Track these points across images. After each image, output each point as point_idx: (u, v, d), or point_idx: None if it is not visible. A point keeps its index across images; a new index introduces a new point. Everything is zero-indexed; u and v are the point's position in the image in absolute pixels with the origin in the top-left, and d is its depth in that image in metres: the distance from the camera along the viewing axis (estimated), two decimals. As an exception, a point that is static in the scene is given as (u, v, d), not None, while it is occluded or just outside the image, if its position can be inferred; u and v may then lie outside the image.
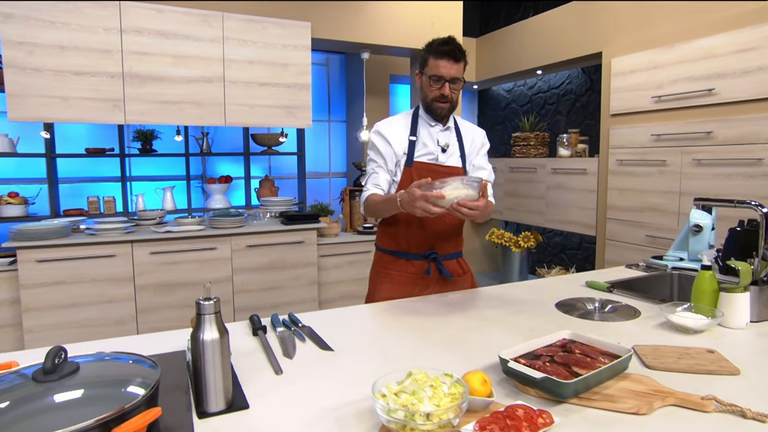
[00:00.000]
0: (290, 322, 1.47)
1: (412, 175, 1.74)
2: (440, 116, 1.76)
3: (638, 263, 2.20)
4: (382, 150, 1.77)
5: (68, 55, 2.79)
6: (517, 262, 4.82)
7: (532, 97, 5.21)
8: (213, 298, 0.96)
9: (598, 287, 1.78)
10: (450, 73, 1.68)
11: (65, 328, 2.83)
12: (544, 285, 1.88)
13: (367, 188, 1.79)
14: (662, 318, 1.45)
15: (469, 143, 1.85)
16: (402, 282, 1.81)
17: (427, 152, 1.77)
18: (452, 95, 1.72)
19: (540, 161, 4.29)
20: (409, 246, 1.79)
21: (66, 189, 3.94)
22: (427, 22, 3.79)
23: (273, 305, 3.38)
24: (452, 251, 1.87)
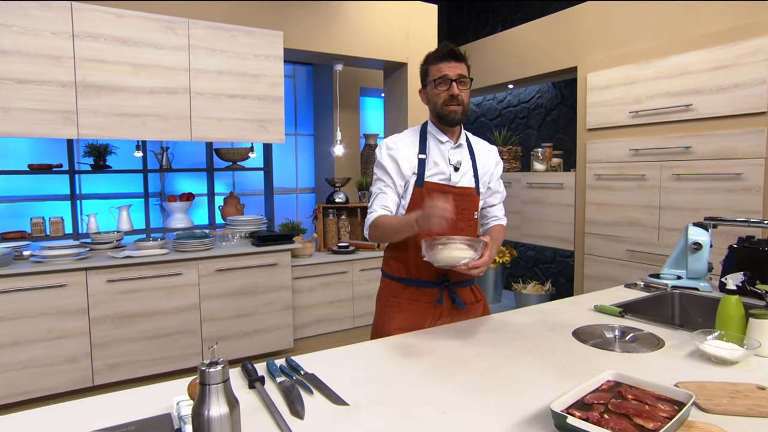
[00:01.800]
0: (290, 369, 1.29)
1: (423, 195, 1.62)
2: (454, 122, 1.64)
3: (636, 282, 2.14)
4: (390, 169, 1.65)
5: (10, 61, 2.50)
6: (491, 277, 4.77)
7: (502, 111, 5.22)
8: (220, 362, 0.78)
9: (609, 312, 1.70)
10: (455, 72, 1.59)
11: (4, 372, 2.51)
12: (549, 310, 1.78)
13: (374, 209, 1.65)
14: (689, 347, 1.37)
15: (482, 161, 1.75)
16: (413, 311, 1.67)
17: (439, 171, 1.65)
18: (462, 95, 1.61)
19: (514, 175, 4.27)
20: (419, 273, 1.66)
21: (5, 209, 3.57)
22: (402, 34, 3.70)
23: (244, 333, 3.14)
24: (466, 278, 1.74)
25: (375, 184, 1.69)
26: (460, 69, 1.60)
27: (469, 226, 1.69)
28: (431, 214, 1.31)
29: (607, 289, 2.08)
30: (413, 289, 1.68)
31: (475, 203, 1.71)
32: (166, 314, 2.90)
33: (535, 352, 1.36)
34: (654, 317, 1.64)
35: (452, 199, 1.65)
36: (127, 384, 2.80)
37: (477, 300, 1.80)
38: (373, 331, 1.74)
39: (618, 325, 1.54)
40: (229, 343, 3.09)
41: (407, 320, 1.65)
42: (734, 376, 1.19)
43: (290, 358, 1.34)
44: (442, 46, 1.63)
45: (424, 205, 1.36)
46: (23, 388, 2.55)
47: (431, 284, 1.67)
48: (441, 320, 1.69)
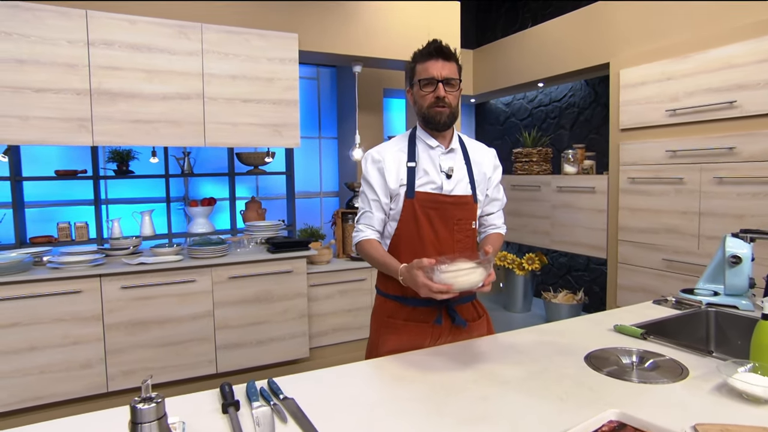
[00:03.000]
0: (270, 392, 1.22)
1: (414, 207, 1.53)
2: (440, 125, 1.54)
3: (667, 298, 1.98)
4: (376, 184, 1.57)
5: (27, 70, 2.56)
6: (521, 285, 4.59)
7: (533, 111, 5.04)
8: (155, 399, 0.72)
9: (630, 333, 1.56)
10: (442, 73, 1.49)
11: (21, 376, 2.56)
12: (563, 329, 1.65)
13: (360, 229, 1.60)
14: (717, 378, 1.22)
15: (479, 166, 1.64)
16: (410, 333, 1.57)
17: (429, 180, 1.55)
18: (449, 98, 1.52)
19: (544, 178, 4.09)
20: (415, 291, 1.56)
21: (35, 214, 3.68)
22: (423, 33, 3.60)
23: (258, 341, 3.12)
24: (466, 293, 1.64)
25: (361, 198, 1.62)
26: (448, 69, 1.50)
27: (466, 237, 1.58)
28: (419, 286, 1.30)
29: (633, 306, 1.93)
30: (409, 308, 1.58)
31: (472, 212, 1.61)
32: (180, 321, 2.91)
33: (539, 380, 1.24)
34: (680, 341, 1.49)
35: (445, 209, 1.55)
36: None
37: (479, 315, 1.69)
38: (367, 353, 1.65)
39: (637, 349, 1.41)
40: (242, 351, 3.07)
41: (403, 342, 1.55)
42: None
43: (272, 380, 1.28)
44: (429, 44, 1.53)
45: (411, 271, 1.32)
46: (40, 393, 2.61)
47: (428, 302, 1.57)
48: (441, 340, 1.59)
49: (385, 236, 1.62)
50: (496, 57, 4.78)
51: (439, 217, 1.55)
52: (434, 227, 1.54)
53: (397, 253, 1.55)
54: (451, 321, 1.58)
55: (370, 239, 1.57)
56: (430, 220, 1.54)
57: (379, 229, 1.59)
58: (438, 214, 1.55)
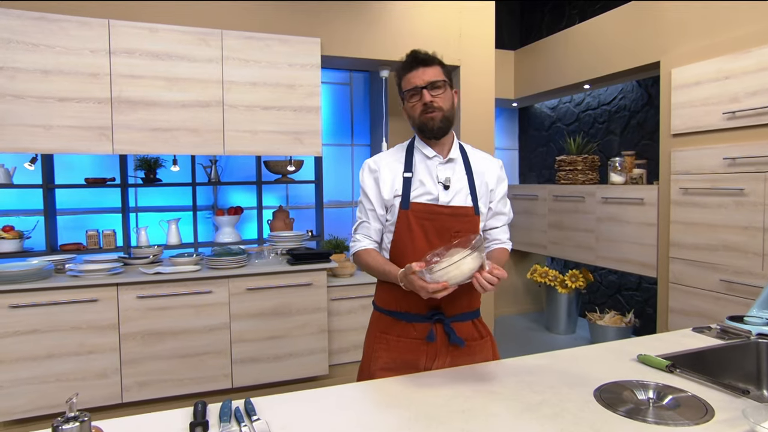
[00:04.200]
0: (244, 414, 1.21)
1: (409, 218, 1.52)
2: (434, 131, 1.53)
3: (710, 326, 1.82)
4: (371, 194, 1.58)
5: (52, 80, 2.72)
6: (564, 304, 4.40)
7: (580, 115, 4.85)
8: (80, 418, 0.71)
9: (655, 364, 1.44)
10: (424, 78, 1.51)
11: (40, 383, 2.69)
12: (582, 356, 1.55)
13: (357, 239, 1.62)
14: (745, 424, 1.09)
15: (480, 177, 1.61)
16: (402, 349, 1.55)
17: (425, 191, 1.54)
18: (438, 102, 1.51)
19: (589, 188, 3.92)
20: (408, 304, 1.54)
21: (68, 221, 3.89)
22: (454, 34, 3.55)
23: (275, 357, 3.14)
24: (465, 310, 1.59)
25: (359, 208, 1.64)
26: (429, 74, 1.51)
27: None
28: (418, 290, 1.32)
29: (668, 333, 1.79)
30: (403, 323, 1.56)
31: (473, 224, 1.56)
32: (196, 333, 2.96)
33: (536, 414, 1.16)
34: (720, 376, 1.35)
35: (442, 221, 1.51)
36: (154, 403, 2.90)
37: (481, 336, 1.63)
38: (359, 371, 1.62)
39: (656, 384, 1.29)
40: (259, 366, 3.09)
41: (395, 360, 1.54)
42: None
43: (249, 400, 1.27)
44: (407, 55, 1.56)
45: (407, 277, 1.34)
46: (57, 401, 2.72)
47: (422, 318, 1.54)
48: (438, 360, 1.54)
49: (382, 248, 1.63)
50: (538, 58, 4.65)
51: (435, 228, 1.53)
52: (429, 239, 1.51)
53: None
54: (447, 339, 1.53)
55: (367, 249, 1.59)
56: (425, 231, 1.52)
57: (376, 239, 1.61)
58: (434, 225, 1.52)
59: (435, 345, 1.53)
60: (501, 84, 4.92)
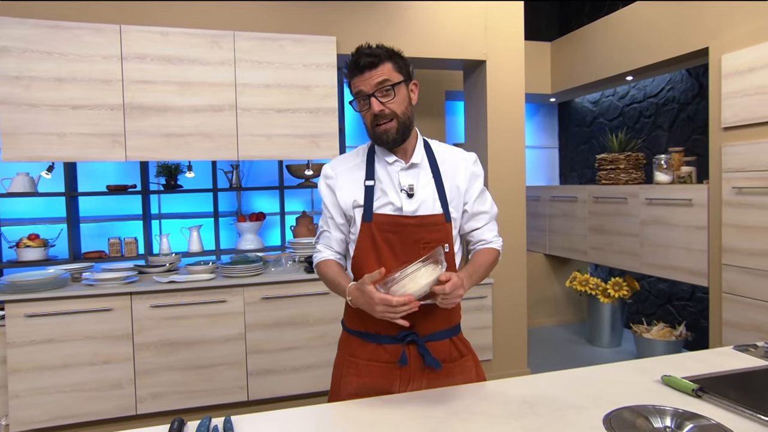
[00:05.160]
0: None
1: (373, 232, 1.43)
2: (389, 143, 1.44)
3: (756, 344, 1.67)
4: (329, 202, 1.52)
5: (65, 88, 2.80)
6: (606, 314, 4.20)
7: (624, 109, 4.64)
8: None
9: (680, 387, 1.33)
10: (370, 84, 1.39)
11: (55, 393, 2.77)
12: (602, 376, 1.46)
13: (318, 249, 1.56)
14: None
15: (450, 178, 1.51)
16: (373, 374, 1.46)
17: (388, 201, 1.45)
18: (390, 108, 1.40)
19: (631, 189, 3.72)
20: (377, 324, 1.42)
21: (92, 229, 4.02)
22: (478, 28, 3.45)
23: (293, 368, 3.12)
24: (442, 328, 1.50)
25: (321, 217, 1.57)
26: (377, 76, 1.38)
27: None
28: (368, 304, 1.26)
29: (704, 352, 1.66)
30: (373, 345, 1.46)
31: (445, 233, 1.47)
32: (210, 344, 2.99)
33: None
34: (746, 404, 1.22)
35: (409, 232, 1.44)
36: (168, 416, 2.93)
37: (461, 355, 1.53)
38: (329, 397, 1.56)
39: (675, 410, 1.19)
40: (276, 378, 3.09)
41: (366, 386, 1.45)
42: None
43: (228, 419, 1.26)
44: (353, 54, 1.42)
45: (362, 288, 1.28)
46: (72, 411, 2.80)
47: (392, 339, 1.44)
48: (413, 384, 1.46)
49: (348, 262, 1.55)
50: (576, 48, 4.48)
51: (401, 241, 1.44)
52: (396, 254, 1.42)
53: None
54: (422, 360, 1.44)
55: (327, 260, 1.52)
56: (390, 245, 1.43)
57: (338, 249, 1.54)
58: (399, 238, 1.43)
59: (408, 368, 1.44)
60: (536, 78, 4.77)
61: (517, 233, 3.60)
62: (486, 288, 3.49)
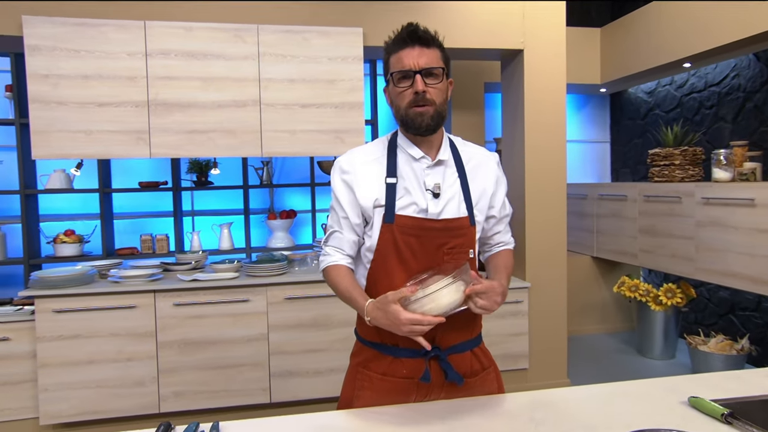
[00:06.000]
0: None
1: (394, 235, 1.36)
2: (422, 128, 1.36)
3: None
4: (344, 200, 1.42)
5: (92, 85, 2.90)
6: (659, 323, 3.99)
7: (682, 100, 4.38)
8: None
9: (707, 411, 1.22)
10: (419, 63, 1.33)
11: (81, 388, 2.88)
12: (624, 394, 1.37)
13: (327, 252, 1.46)
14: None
15: (477, 180, 1.45)
16: (390, 390, 1.40)
17: (412, 201, 1.38)
18: (431, 93, 1.34)
19: (686, 187, 3.50)
20: (396, 337, 1.36)
21: (126, 225, 4.16)
22: (515, 16, 3.33)
23: (316, 371, 3.13)
24: (464, 339, 1.44)
25: (330, 215, 1.48)
26: (427, 57, 1.33)
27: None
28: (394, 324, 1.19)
29: (744, 371, 1.52)
30: (389, 359, 1.40)
31: (469, 238, 1.41)
32: (232, 343, 3.03)
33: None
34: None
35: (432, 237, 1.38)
36: (190, 415, 2.99)
37: (483, 368, 1.47)
38: (338, 407, 1.50)
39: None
40: (298, 381, 3.10)
41: (381, 400, 1.39)
42: None
43: (216, 424, 1.26)
44: (403, 28, 1.36)
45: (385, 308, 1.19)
46: (97, 407, 2.90)
47: (413, 353, 1.38)
48: (430, 399, 1.41)
49: (360, 266, 1.47)
50: (627, 34, 4.26)
51: (423, 246, 1.37)
52: (418, 259, 1.37)
53: (375, 291, 1.38)
54: (444, 377, 1.38)
55: (338, 265, 1.42)
56: (412, 250, 1.37)
57: (350, 252, 1.44)
58: (421, 242, 1.37)
59: (428, 384, 1.38)
60: (585, 67, 4.58)
61: (556, 234, 3.46)
62: (522, 292, 3.37)
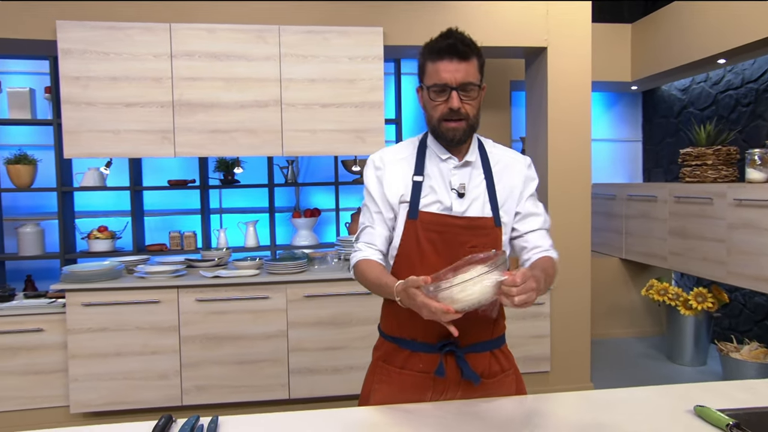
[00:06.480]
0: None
1: (417, 230, 1.39)
2: (453, 142, 1.40)
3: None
4: (376, 195, 1.46)
5: (120, 87, 3.00)
6: (689, 328, 3.87)
7: (718, 97, 4.23)
8: None
9: (712, 421, 1.19)
10: (456, 78, 1.32)
11: (109, 380, 2.98)
12: (628, 401, 1.34)
13: (358, 248, 1.49)
14: None
15: (503, 181, 1.45)
16: (404, 385, 1.42)
17: (436, 199, 1.41)
18: (466, 109, 1.35)
19: (718, 188, 3.39)
20: (414, 330, 1.40)
21: (156, 222, 4.29)
22: (539, 13, 3.29)
23: (335, 369, 3.16)
24: (484, 339, 1.44)
25: (363, 212, 1.52)
26: (465, 72, 1.32)
27: None
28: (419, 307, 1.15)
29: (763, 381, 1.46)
30: (407, 353, 1.43)
31: (493, 238, 1.41)
32: (253, 339, 3.09)
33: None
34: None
35: (454, 234, 1.37)
36: (212, 408, 3.07)
37: (502, 370, 1.46)
38: (359, 401, 1.53)
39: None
40: (317, 378, 3.14)
41: (396, 395, 1.41)
42: None
43: (215, 418, 1.30)
44: (442, 37, 1.35)
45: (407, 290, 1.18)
46: (123, 398, 3.01)
47: (430, 348, 1.40)
48: (447, 396, 1.41)
49: (385, 264, 1.49)
50: (658, 30, 4.14)
51: (445, 243, 1.39)
52: (440, 255, 1.38)
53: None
54: (460, 374, 1.39)
55: (368, 259, 1.43)
56: (434, 246, 1.39)
57: (381, 248, 1.46)
58: (443, 239, 1.39)
59: (444, 380, 1.40)
60: (614, 65, 4.48)
61: (580, 235, 3.40)
62: (544, 294, 3.32)
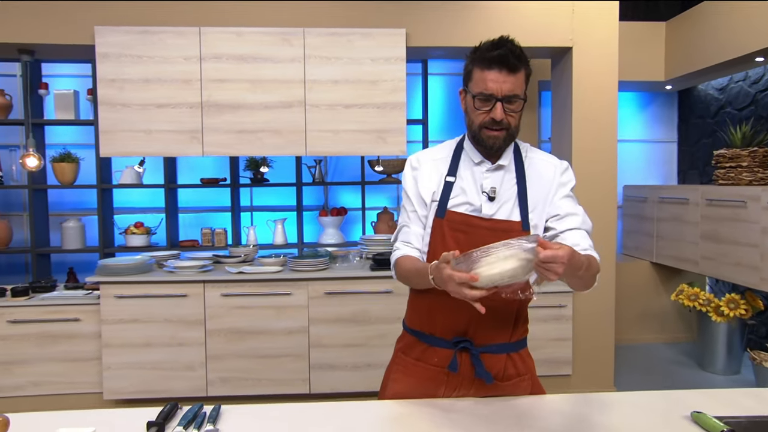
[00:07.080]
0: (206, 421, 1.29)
1: (443, 229, 1.43)
2: (492, 149, 1.42)
3: None
4: (411, 193, 1.51)
5: (152, 88, 3.13)
6: (721, 335, 3.75)
7: (757, 96, 4.08)
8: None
9: (708, 427, 1.18)
10: (503, 89, 1.33)
11: (139, 369, 3.12)
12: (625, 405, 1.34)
13: (397, 247, 1.53)
14: None
15: (535, 186, 1.45)
16: (420, 376, 1.46)
17: (466, 201, 1.43)
18: (508, 120, 1.37)
19: (753, 191, 3.27)
20: (433, 324, 1.45)
21: (190, 219, 4.44)
22: (564, 12, 3.25)
23: (354, 365, 3.21)
24: (500, 341, 1.45)
25: (401, 212, 1.56)
26: (512, 84, 1.33)
27: None
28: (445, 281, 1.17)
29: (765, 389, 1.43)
30: (424, 346, 1.47)
31: None
32: (275, 334, 3.17)
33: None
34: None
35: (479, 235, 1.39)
36: (235, 400, 3.16)
37: (518, 374, 1.46)
38: (379, 392, 1.58)
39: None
40: (337, 374, 3.19)
41: (411, 387, 1.45)
42: None
43: (217, 407, 1.36)
44: (493, 44, 1.33)
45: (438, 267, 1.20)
46: (152, 387, 3.14)
47: (445, 343, 1.43)
48: (458, 394, 1.45)
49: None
50: (693, 27, 4.02)
51: (471, 244, 1.37)
52: None
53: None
54: (473, 372, 1.41)
55: (407, 255, 1.46)
56: (460, 246, 1.38)
57: (418, 245, 1.48)
58: (469, 240, 1.40)
59: (458, 376, 1.42)
60: (647, 64, 4.37)
61: (606, 237, 3.35)
62: (566, 296, 3.28)
